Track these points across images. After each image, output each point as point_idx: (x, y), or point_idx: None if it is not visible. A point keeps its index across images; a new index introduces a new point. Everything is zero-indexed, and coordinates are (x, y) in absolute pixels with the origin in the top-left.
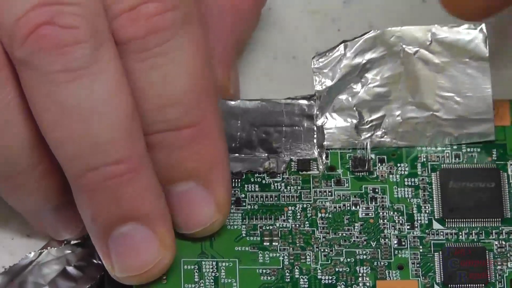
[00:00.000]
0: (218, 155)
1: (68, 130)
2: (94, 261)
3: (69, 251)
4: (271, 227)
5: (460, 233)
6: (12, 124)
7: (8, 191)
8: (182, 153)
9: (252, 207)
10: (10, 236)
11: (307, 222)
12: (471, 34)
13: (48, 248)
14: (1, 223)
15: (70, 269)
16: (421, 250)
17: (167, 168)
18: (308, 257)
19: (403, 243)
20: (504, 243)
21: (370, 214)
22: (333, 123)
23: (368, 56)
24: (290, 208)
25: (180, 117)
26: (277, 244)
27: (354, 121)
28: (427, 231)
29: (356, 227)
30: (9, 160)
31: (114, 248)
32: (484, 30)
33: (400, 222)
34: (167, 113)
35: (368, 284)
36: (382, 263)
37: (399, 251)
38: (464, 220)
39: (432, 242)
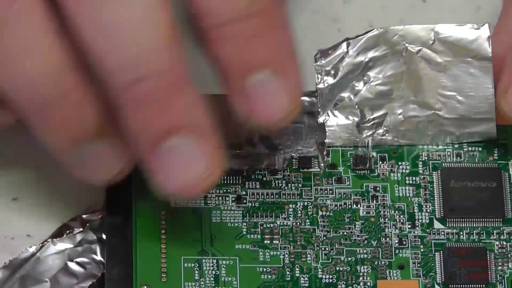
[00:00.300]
0: (290, 43)
1: (112, 42)
2: (96, 257)
3: (70, 245)
4: (271, 225)
5: (461, 233)
6: (43, 47)
7: (41, 124)
8: (254, 42)
9: (253, 205)
10: (10, 236)
11: (307, 220)
12: (474, 34)
13: (49, 240)
14: (1, 223)
15: (72, 264)
16: (422, 250)
17: (239, 60)
18: (308, 255)
19: (404, 243)
20: (505, 243)
21: (371, 213)
22: (335, 120)
23: (371, 54)
24: (291, 206)
25: (248, 5)
26: (277, 242)
27: (356, 119)
28: (428, 230)
29: (357, 226)
30: (40, 86)
31: (162, 162)
32: (488, 29)
33: (401, 221)
34: (234, 2)
35: (369, 283)
36: (383, 263)
37: (400, 250)
38: (465, 219)
39: (433, 241)
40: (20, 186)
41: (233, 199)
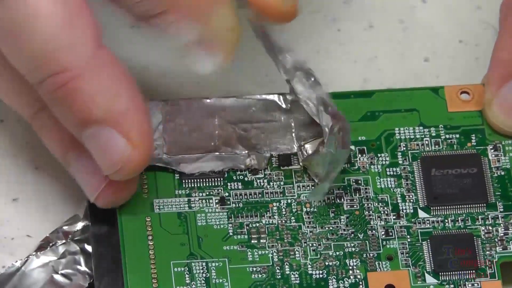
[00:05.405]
0: None
1: (10, 48)
2: (80, 268)
3: (54, 258)
4: (257, 225)
5: (446, 221)
6: None
7: None
8: None
9: (237, 205)
10: (10, 236)
11: (293, 218)
12: None
13: (33, 254)
14: (1, 223)
15: (57, 277)
16: (409, 240)
17: None
18: (297, 252)
19: (391, 234)
20: (490, 228)
21: (355, 206)
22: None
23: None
24: (275, 204)
25: None
26: (265, 241)
27: None
28: (413, 220)
29: (342, 220)
30: None
31: (88, 147)
32: None
33: (386, 212)
34: None
35: (359, 276)
36: (371, 255)
37: (387, 241)
38: (449, 207)
39: (419, 231)
40: (20, 186)
41: (216, 201)
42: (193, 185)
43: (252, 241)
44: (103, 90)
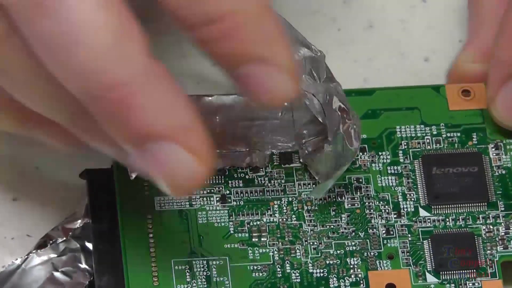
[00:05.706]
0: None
1: (57, 63)
2: (80, 265)
3: (54, 255)
4: (258, 223)
5: (447, 219)
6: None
7: None
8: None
9: (238, 203)
10: (10, 236)
11: (293, 216)
12: None
13: (33, 252)
14: (1, 223)
15: (58, 274)
16: (410, 239)
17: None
18: (298, 251)
19: (391, 232)
20: (491, 227)
21: (356, 205)
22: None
23: None
24: (275, 202)
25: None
26: (265, 239)
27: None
28: (414, 219)
29: (343, 219)
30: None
31: (146, 165)
32: None
33: (387, 211)
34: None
35: (360, 275)
36: (372, 254)
37: (388, 240)
38: (450, 206)
39: (420, 229)
40: (20, 186)
41: (217, 199)
42: None
43: (253, 239)
44: (162, 103)
